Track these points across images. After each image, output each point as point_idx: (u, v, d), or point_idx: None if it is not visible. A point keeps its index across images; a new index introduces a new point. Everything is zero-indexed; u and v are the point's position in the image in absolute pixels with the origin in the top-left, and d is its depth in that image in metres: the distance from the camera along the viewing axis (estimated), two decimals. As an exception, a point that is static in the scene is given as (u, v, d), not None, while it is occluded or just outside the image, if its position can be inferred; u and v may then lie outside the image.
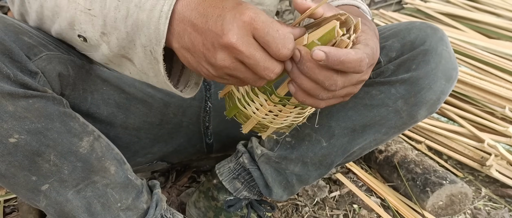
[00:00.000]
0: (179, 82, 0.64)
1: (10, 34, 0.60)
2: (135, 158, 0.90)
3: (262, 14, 0.50)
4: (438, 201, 1.10)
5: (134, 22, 0.54)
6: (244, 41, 0.49)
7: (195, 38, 0.52)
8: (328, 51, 0.50)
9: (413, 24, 0.79)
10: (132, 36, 0.56)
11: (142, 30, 0.54)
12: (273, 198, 0.94)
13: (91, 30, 0.59)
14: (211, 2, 0.51)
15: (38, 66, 0.62)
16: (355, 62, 0.51)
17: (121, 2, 0.55)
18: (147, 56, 0.56)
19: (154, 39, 0.53)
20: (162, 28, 0.52)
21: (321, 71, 0.52)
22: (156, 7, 0.52)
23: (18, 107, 0.60)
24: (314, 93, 0.55)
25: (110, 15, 0.56)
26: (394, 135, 0.85)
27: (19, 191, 0.67)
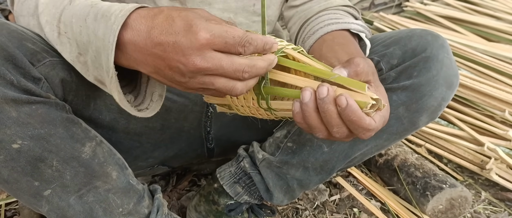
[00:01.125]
0: (146, 94, 0.63)
1: (13, 40, 0.60)
2: (136, 162, 0.91)
3: (214, 27, 0.50)
4: (438, 205, 1.10)
5: (96, 48, 0.55)
6: (207, 58, 0.50)
7: (160, 64, 0.52)
8: (351, 104, 0.52)
9: (414, 31, 0.79)
10: (99, 60, 0.56)
11: (102, 56, 0.54)
12: (273, 202, 0.94)
13: (68, 51, 0.60)
14: (161, 30, 0.51)
15: (42, 72, 0.63)
16: (362, 128, 0.54)
17: (82, 27, 0.56)
18: (111, 79, 0.55)
19: (107, 67, 0.54)
20: (110, 59, 0.53)
21: (338, 117, 0.54)
22: (105, 37, 0.53)
23: (22, 113, 0.60)
24: (315, 131, 0.57)
25: (78, 39, 0.57)
26: (395, 141, 0.85)
27: (21, 196, 0.67)
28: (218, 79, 0.52)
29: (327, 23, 0.78)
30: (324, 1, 0.86)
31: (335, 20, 0.78)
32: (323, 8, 0.84)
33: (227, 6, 0.81)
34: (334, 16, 0.80)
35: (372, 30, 2.01)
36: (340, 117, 0.54)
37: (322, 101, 0.53)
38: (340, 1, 0.86)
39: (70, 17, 0.58)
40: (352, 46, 0.72)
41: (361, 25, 0.78)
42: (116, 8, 0.54)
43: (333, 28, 0.77)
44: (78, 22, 0.57)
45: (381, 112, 0.57)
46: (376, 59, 0.80)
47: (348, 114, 0.53)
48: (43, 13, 0.63)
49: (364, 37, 0.77)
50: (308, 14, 0.85)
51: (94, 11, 0.56)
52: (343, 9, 0.84)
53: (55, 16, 0.61)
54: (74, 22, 0.58)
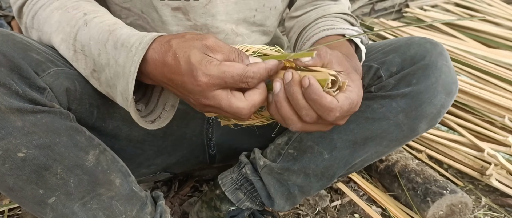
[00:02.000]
0: (159, 102, 0.68)
1: (19, 51, 0.62)
2: (139, 169, 0.91)
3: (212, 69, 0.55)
4: (438, 210, 1.11)
5: (114, 71, 0.61)
6: (209, 97, 0.56)
7: (174, 90, 0.60)
8: (313, 83, 0.56)
9: (412, 39, 0.80)
10: (114, 81, 0.62)
11: (119, 80, 0.61)
12: (275, 208, 0.95)
13: (84, 67, 0.67)
14: (170, 69, 0.57)
15: (46, 82, 0.64)
16: (325, 108, 0.57)
17: (102, 51, 0.62)
18: (124, 100, 0.62)
19: (126, 91, 0.60)
20: (130, 86, 0.59)
21: (304, 99, 0.57)
22: (126, 65, 0.59)
23: (27, 122, 0.61)
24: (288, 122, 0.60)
25: (96, 59, 0.64)
26: (395, 148, 0.86)
27: (26, 204, 0.68)
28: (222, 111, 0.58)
29: (322, 29, 0.79)
30: (322, 10, 0.87)
31: (330, 26, 0.80)
32: (320, 15, 0.86)
33: (229, 18, 0.83)
34: (330, 22, 0.82)
35: (372, 36, 2.03)
36: (306, 99, 0.57)
37: (288, 85, 0.57)
38: (337, 9, 0.87)
39: (87, 39, 0.64)
40: (344, 49, 0.74)
41: (357, 31, 0.79)
42: (135, 40, 0.60)
43: (328, 33, 0.78)
44: (97, 45, 0.63)
45: (346, 94, 0.59)
46: (375, 66, 0.81)
47: (310, 93, 0.56)
48: (57, 31, 0.67)
49: (359, 42, 0.78)
50: (306, 22, 0.87)
51: (113, 38, 0.62)
52: (339, 16, 0.86)
53: (70, 34, 0.66)
54: (92, 44, 0.64)
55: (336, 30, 0.78)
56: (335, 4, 0.89)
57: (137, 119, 0.63)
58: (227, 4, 0.82)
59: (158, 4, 0.79)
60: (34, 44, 0.65)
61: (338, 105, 0.57)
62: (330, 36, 0.78)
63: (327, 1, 0.91)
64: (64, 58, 0.70)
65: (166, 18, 0.80)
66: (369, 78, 0.81)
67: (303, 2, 0.92)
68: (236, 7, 0.83)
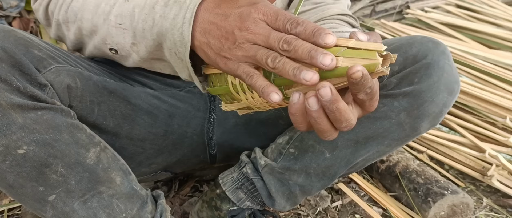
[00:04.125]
0: None
1: (20, 47, 0.61)
2: (139, 168, 0.91)
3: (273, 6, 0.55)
4: (440, 211, 1.10)
5: (158, 30, 0.62)
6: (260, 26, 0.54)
7: (216, 32, 0.57)
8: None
9: (414, 38, 0.80)
10: (158, 41, 0.63)
11: (166, 36, 0.61)
12: (276, 208, 0.94)
13: (123, 42, 0.68)
14: (228, 5, 0.57)
15: (47, 79, 0.64)
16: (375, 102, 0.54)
17: (148, 14, 0.63)
18: (172, 56, 0.62)
19: (179, 42, 0.59)
20: (186, 33, 0.58)
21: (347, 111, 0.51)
22: (178, 16, 0.59)
23: (27, 119, 0.61)
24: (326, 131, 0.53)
25: (138, 27, 0.64)
26: (397, 147, 0.86)
27: (26, 201, 0.68)
28: (262, 49, 0.53)
29: None
30: (321, 11, 0.87)
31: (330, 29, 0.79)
32: (319, 18, 0.85)
33: None
34: (330, 25, 0.81)
35: (373, 37, 2.02)
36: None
37: (330, 103, 0.49)
38: (336, 10, 0.86)
39: (131, 9, 0.65)
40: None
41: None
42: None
43: None
44: (143, 10, 0.64)
45: None
46: (377, 65, 0.81)
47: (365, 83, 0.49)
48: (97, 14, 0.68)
49: None
50: None
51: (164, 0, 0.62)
52: (339, 18, 0.85)
53: (110, 12, 0.67)
54: (136, 12, 0.64)
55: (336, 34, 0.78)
56: (334, 4, 0.89)
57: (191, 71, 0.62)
58: None
59: None
60: (36, 41, 0.65)
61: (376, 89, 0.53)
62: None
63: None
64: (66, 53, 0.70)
65: None
66: None
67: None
68: None
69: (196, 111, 0.92)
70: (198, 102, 0.92)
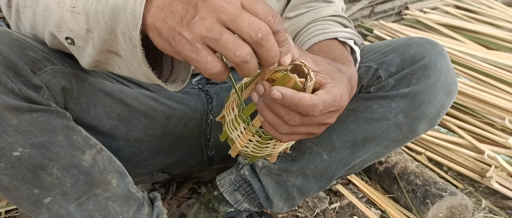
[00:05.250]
0: (168, 81, 0.61)
1: (15, 49, 0.61)
2: (136, 170, 0.91)
3: None
4: (438, 213, 1.10)
5: (111, 9, 0.53)
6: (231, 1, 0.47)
7: (176, 6, 0.49)
8: (285, 92, 0.54)
9: (412, 39, 0.80)
10: (111, 26, 0.54)
11: (119, 16, 0.52)
12: (273, 210, 0.94)
13: (77, 29, 0.58)
14: None
15: (43, 80, 0.63)
16: (308, 107, 0.55)
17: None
18: (127, 44, 0.54)
19: (131, 23, 0.51)
20: (138, 9, 0.50)
21: (281, 106, 0.56)
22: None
23: (22, 121, 0.60)
24: (275, 126, 0.59)
25: (91, 9, 0.55)
26: (394, 149, 0.86)
27: (21, 203, 0.67)
28: (227, 33, 0.47)
29: (314, 34, 0.79)
30: (315, 13, 0.87)
31: (322, 30, 0.79)
32: (312, 20, 0.84)
33: None
34: (322, 26, 0.81)
35: (372, 38, 2.02)
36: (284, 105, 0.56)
37: (264, 98, 0.57)
38: (330, 11, 0.86)
39: None
40: (336, 52, 0.73)
41: (350, 32, 0.78)
42: None
43: (320, 38, 0.77)
44: None
45: (326, 89, 0.57)
46: (374, 66, 0.80)
47: (288, 102, 0.54)
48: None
49: (352, 44, 0.78)
50: (298, 27, 0.86)
51: None
52: (331, 19, 0.84)
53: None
54: None
55: (328, 34, 0.77)
56: (328, 6, 0.88)
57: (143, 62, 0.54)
58: None
59: None
60: (31, 42, 0.65)
61: (319, 98, 0.56)
62: (322, 41, 0.77)
63: (320, 3, 0.90)
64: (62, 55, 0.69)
65: None
66: (368, 78, 0.81)
67: (296, 2, 0.91)
68: None
69: (194, 113, 0.91)
70: (196, 104, 0.91)
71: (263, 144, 0.68)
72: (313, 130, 0.61)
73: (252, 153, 0.70)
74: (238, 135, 0.67)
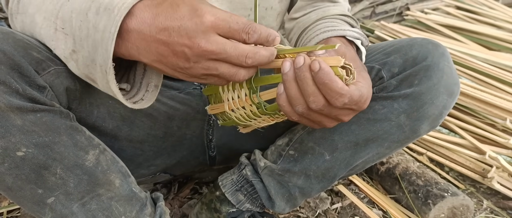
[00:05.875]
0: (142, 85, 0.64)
1: (19, 49, 0.61)
2: (138, 170, 0.91)
3: (219, 11, 0.53)
4: (440, 213, 1.10)
5: (92, 42, 0.55)
6: (212, 41, 0.52)
7: (164, 51, 0.53)
8: (324, 67, 0.54)
9: (414, 40, 0.80)
10: (93, 55, 0.56)
11: (98, 50, 0.55)
12: (275, 210, 0.94)
13: (63, 48, 0.60)
14: (166, 16, 0.52)
15: (46, 81, 0.63)
16: (335, 92, 0.56)
17: (83, 22, 0.56)
18: (103, 76, 0.56)
19: (106, 58, 0.54)
20: (110, 49, 0.53)
21: (313, 84, 0.56)
22: (106, 29, 0.53)
23: (26, 121, 0.60)
24: (294, 102, 0.59)
25: (76, 34, 0.57)
26: (396, 149, 0.86)
27: (24, 203, 0.67)
28: (222, 64, 0.54)
29: (323, 30, 0.79)
30: (323, 11, 0.87)
31: (331, 27, 0.79)
32: (320, 17, 0.85)
33: None
34: (331, 24, 0.81)
35: (373, 39, 2.02)
36: (315, 84, 0.56)
37: (299, 70, 0.56)
38: (337, 10, 0.86)
39: (69, 12, 0.58)
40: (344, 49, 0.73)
41: (358, 32, 0.79)
42: (119, 1, 0.53)
43: (328, 35, 0.78)
44: (79, 17, 0.57)
45: (357, 86, 0.58)
46: (377, 67, 0.81)
47: (321, 76, 0.55)
48: (40, 11, 0.63)
49: (359, 44, 0.78)
50: (306, 23, 0.86)
51: (95, 5, 0.55)
52: (339, 18, 0.85)
53: (53, 12, 0.60)
54: (74, 17, 0.57)
55: (336, 32, 0.78)
56: (334, 6, 0.89)
57: (116, 93, 0.57)
58: (222, 2, 0.82)
59: None
60: (35, 43, 0.65)
61: (349, 91, 0.56)
62: (331, 38, 0.78)
63: (326, 2, 0.90)
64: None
65: None
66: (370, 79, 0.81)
67: (303, 3, 0.92)
68: (231, 5, 0.83)
69: (196, 113, 0.91)
70: (198, 104, 0.91)
71: (254, 117, 0.66)
72: (325, 122, 0.61)
73: (235, 119, 0.68)
74: (233, 98, 0.65)
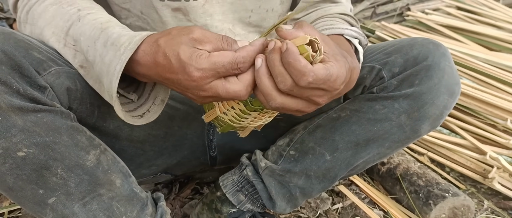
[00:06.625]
0: (150, 96, 0.69)
1: (20, 49, 0.61)
2: (139, 170, 0.91)
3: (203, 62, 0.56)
4: (441, 213, 1.10)
5: (99, 68, 0.62)
6: (206, 89, 0.57)
7: (171, 83, 0.59)
8: (290, 47, 0.55)
9: (415, 40, 0.80)
10: (99, 78, 0.63)
11: (104, 77, 0.61)
12: (276, 210, 0.94)
13: (72, 61, 0.67)
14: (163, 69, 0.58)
15: (47, 81, 0.64)
16: (298, 71, 0.55)
17: (90, 48, 0.63)
18: (109, 98, 0.62)
19: (110, 90, 0.60)
20: (114, 85, 0.59)
21: (280, 65, 0.56)
22: (111, 64, 0.59)
23: (27, 121, 0.60)
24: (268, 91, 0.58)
25: (85, 55, 0.64)
26: (397, 149, 0.86)
27: (26, 204, 0.67)
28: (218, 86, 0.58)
29: (321, 29, 0.79)
30: (323, 11, 0.87)
31: (329, 26, 0.79)
32: (320, 16, 0.85)
33: (225, 18, 0.83)
34: (330, 22, 0.81)
35: (374, 39, 2.03)
36: (283, 65, 0.56)
37: (269, 53, 0.57)
38: (338, 9, 0.86)
39: (79, 35, 0.64)
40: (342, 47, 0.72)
41: (356, 31, 0.79)
42: (125, 40, 0.60)
43: (326, 33, 0.77)
44: (87, 42, 0.63)
45: (325, 65, 0.57)
46: (377, 67, 0.81)
47: (286, 56, 0.55)
48: (49, 25, 0.67)
49: (357, 43, 0.78)
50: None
51: (104, 36, 0.62)
52: (339, 16, 0.85)
53: (62, 29, 0.66)
54: (82, 40, 0.64)
55: (334, 30, 0.78)
56: (336, 6, 0.89)
57: (123, 116, 0.62)
58: (223, 4, 0.82)
59: (158, 5, 0.79)
60: (36, 43, 0.65)
61: (312, 69, 0.55)
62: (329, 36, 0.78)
63: (328, 3, 0.91)
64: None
65: (166, 19, 0.80)
66: (371, 79, 0.81)
67: (304, 5, 0.92)
68: (232, 7, 0.83)
69: (196, 113, 0.91)
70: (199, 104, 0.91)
71: (244, 115, 0.68)
72: (302, 107, 0.60)
73: (229, 122, 0.70)
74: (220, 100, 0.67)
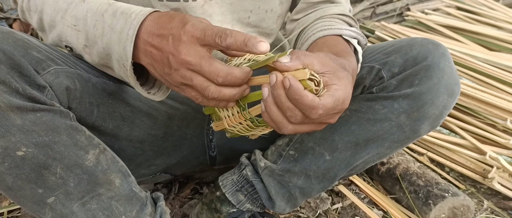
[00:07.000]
0: (154, 85, 0.70)
1: (19, 49, 0.61)
2: (138, 170, 0.91)
3: (201, 23, 0.58)
4: (440, 213, 1.10)
5: (108, 40, 0.63)
6: (191, 52, 0.57)
7: (156, 55, 0.60)
8: (293, 83, 0.56)
9: (414, 40, 0.80)
10: (107, 51, 0.64)
11: (114, 48, 0.62)
12: (276, 210, 0.94)
13: (76, 43, 0.68)
14: (162, 25, 0.59)
15: (46, 80, 0.64)
16: (307, 107, 0.57)
17: (98, 21, 0.64)
18: (121, 67, 0.64)
19: (124, 56, 0.61)
20: (128, 49, 0.60)
21: (288, 100, 0.58)
22: (123, 30, 0.61)
23: (26, 121, 0.60)
24: (280, 125, 0.61)
25: (90, 32, 0.65)
26: (397, 149, 0.86)
27: (25, 203, 0.67)
28: (197, 76, 0.58)
29: (320, 29, 0.79)
30: (322, 11, 0.87)
31: (328, 26, 0.80)
32: (319, 16, 0.86)
33: (224, 18, 0.84)
34: (328, 23, 0.82)
35: (374, 39, 2.03)
36: (290, 100, 0.58)
37: (273, 88, 0.58)
38: (336, 10, 0.87)
39: (84, 12, 0.66)
40: (340, 47, 0.74)
41: (355, 31, 0.79)
42: (136, 8, 0.62)
43: (325, 33, 0.78)
44: (94, 16, 0.64)
45: (330, 92, 0.59)
46: (377, 67, 0.81)
47: (291, 93, 0.56)
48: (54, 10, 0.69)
49: (356, 43, 0.78)
50: (305, 23, 0.87)
51: (112, 8, 0.64)
52: (338, 17, 0.85)
53: (66, 11, 0.68)
54: (89, 16, 0.65)
55: (333, 30, 0.78)
56: (335, 6, 0.89)
57: (134, 84, 0.64)
58: (222, 4, 0.82)
59: (157, 5, 0.79)
60: (35, 42, 0.65)
61: (320, 103, 0.57)
62: (327, 36, 0.78)
63: (327, 3, 0.91)
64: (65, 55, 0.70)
65: None
66: (370, 79, 0.81)
67: (304, 6, 0.92)
68: (231, 7, 0.83)
69: (196, 113, 0.91)
70: (198, 104, 0.91)
71: (251, 130, 0.69)
72: (314, 128, 0.63)
73: (238, 133, 0.71)
74: (228, 115, 0.68)
